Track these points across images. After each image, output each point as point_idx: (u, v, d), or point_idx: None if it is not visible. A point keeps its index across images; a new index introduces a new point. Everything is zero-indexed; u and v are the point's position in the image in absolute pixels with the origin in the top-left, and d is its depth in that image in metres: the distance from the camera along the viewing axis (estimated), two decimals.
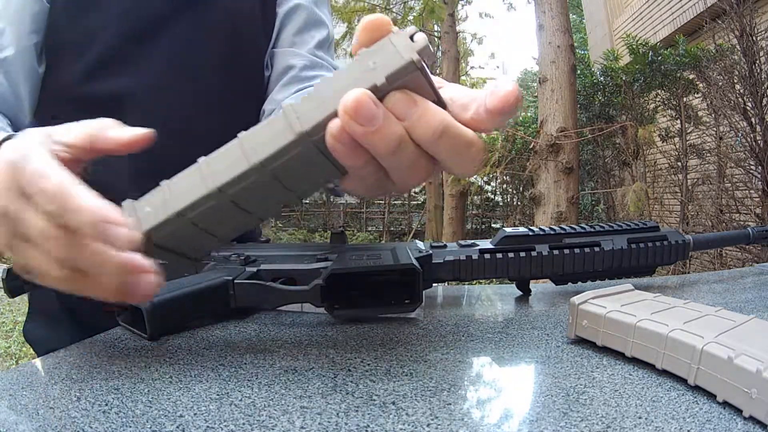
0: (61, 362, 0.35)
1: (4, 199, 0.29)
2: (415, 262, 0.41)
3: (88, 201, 0.27)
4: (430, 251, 0.46)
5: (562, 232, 0.49)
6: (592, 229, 0.51)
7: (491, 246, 0.48)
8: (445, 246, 0.48)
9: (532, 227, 0.50)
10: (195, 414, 0.27)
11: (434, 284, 0.49)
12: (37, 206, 0.28)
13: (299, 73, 0.66)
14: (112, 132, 0.32)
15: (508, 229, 0.49)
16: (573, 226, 0.51)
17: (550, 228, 0.49)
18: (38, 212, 0.28)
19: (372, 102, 0.25)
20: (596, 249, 0.48)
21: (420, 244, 0.47)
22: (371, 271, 0.41)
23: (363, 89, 0.25)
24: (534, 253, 0.47)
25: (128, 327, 0.41)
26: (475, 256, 0.47)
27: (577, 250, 0.48)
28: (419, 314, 0.46)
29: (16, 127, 0.51)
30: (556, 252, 0.48)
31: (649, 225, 0.52)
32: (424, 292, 0.43)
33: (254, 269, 0.44)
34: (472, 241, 0.49)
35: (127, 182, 0.41)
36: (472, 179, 5.88)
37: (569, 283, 0.52)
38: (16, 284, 0.44)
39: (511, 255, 0.47)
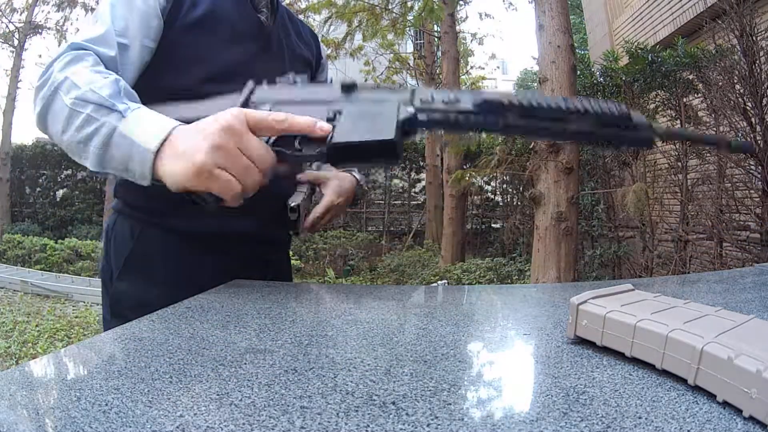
0: (60, 362, 0.35)
1: (224, 139, 0.46)
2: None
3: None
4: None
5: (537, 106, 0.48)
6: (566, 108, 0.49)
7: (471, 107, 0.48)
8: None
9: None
10: (195, 414, 0.27)
11: (435, 280, 0.49)
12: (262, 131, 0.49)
13: None
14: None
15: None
16: (549, 101, 0.49)
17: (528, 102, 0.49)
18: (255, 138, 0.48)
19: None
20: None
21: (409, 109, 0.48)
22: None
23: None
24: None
25: None
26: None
27: (545, 124, 0.47)
28: (419, 314, 0.46)
29: None
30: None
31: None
32: (430, 285, 0.43)
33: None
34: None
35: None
36: (473, 179, 5.87)
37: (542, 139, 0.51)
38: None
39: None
